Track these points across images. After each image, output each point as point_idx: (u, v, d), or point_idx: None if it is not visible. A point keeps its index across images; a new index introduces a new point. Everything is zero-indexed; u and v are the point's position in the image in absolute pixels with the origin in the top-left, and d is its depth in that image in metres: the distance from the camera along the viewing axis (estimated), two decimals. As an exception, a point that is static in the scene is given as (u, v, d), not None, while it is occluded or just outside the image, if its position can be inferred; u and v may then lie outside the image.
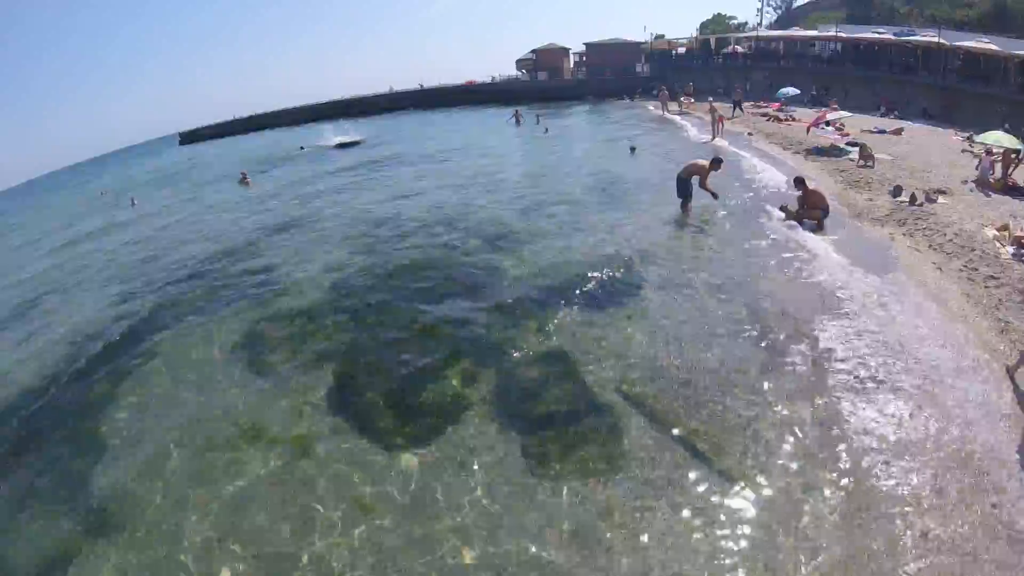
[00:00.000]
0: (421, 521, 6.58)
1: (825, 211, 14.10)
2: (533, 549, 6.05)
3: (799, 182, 14.68)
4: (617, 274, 12.48)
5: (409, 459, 7.61)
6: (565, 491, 6.74)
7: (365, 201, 23.65)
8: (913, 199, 14.69)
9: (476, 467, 7.30)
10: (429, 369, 9.65)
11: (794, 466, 6.60)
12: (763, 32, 62.19)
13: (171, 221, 27.44)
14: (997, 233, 12.30)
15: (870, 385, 7.82)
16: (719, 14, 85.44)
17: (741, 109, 35.44)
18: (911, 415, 7.16)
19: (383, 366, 10.01)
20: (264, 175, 37.47)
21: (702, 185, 15.86)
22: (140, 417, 9.60)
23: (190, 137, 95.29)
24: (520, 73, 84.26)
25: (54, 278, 20.58)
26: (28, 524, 7.88)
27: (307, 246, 17.92)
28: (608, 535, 6.05)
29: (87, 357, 12.25)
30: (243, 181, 34.68)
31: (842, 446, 6.78)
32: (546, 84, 74.62)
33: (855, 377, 8.03)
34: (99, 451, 8.94)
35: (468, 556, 6.07)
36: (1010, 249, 11.62)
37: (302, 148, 49.08)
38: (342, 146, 47.21)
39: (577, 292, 11.77)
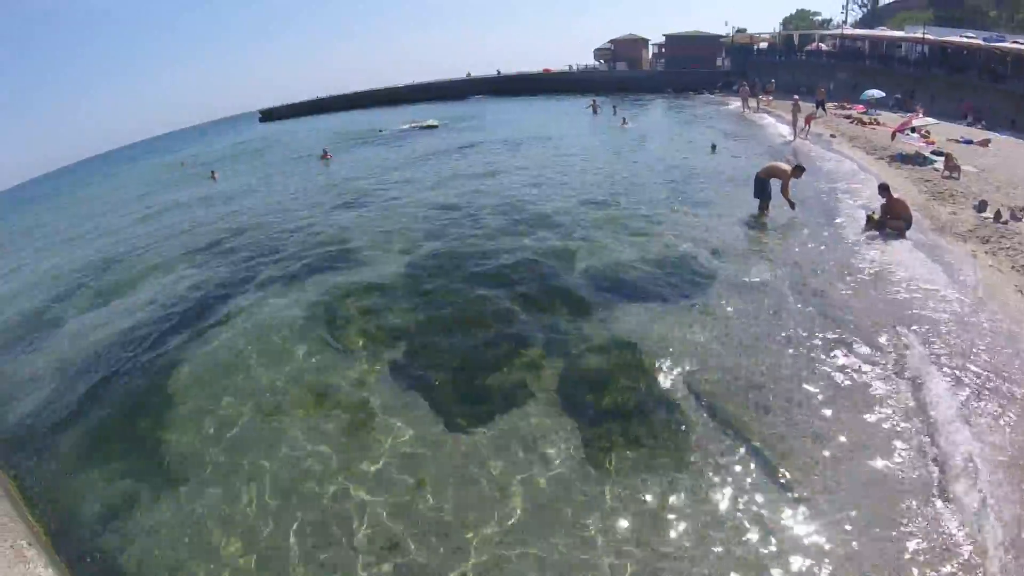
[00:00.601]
0: (473, 500, 6.76)
1: (908, 221, 13.78)
2: (581, 540, 6.11)
3: (884, 189, 14.33)
4: (690, 271, 12.50)
5: (469, 438, 7.81)
6: (623, 485, 6.76)
7: (439, 185, 24.35)
8: (998, 216, 14.25)
9: (535, 452, 7.42)
10: (495, 353, 9.86)
11: (860, 488, 6.31)
12: (848, 30, 60.52)
13: (252, 194, 28.88)
14: None
15: (946, 410, 7.34)
16: (802, 10, 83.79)
17: (824, 109, 34.82)
18: (992, 442, 6.75)
19: (450, 346, 10.27)
20: (343, 154, 38.65)
21: (783, 191, 15.75)
22: (212, 377, 10.18)
23: (270, 115, 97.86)
24: (598, 63, 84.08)
25: (141, 244, 21.78)
26: (98, 468, 8.47)
27: (382, 224, 18.62)
28: (660, 535, 6.02)
29: (170, 319, 13.11)
30: (324, 157, 35.97)
31: (914, 473, 6.44)
32: (624, 75, 74.45)
33: (930, 400, 7.60)
34: (169, 407, 9.54)
35: (519, 541, 6.15)
36: None
37: (380, 131, 50.07)
38: (419, 129, 48.01)
39: (648, 286, 11.88)
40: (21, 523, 7.20)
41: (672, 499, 6.46)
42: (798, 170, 15.89)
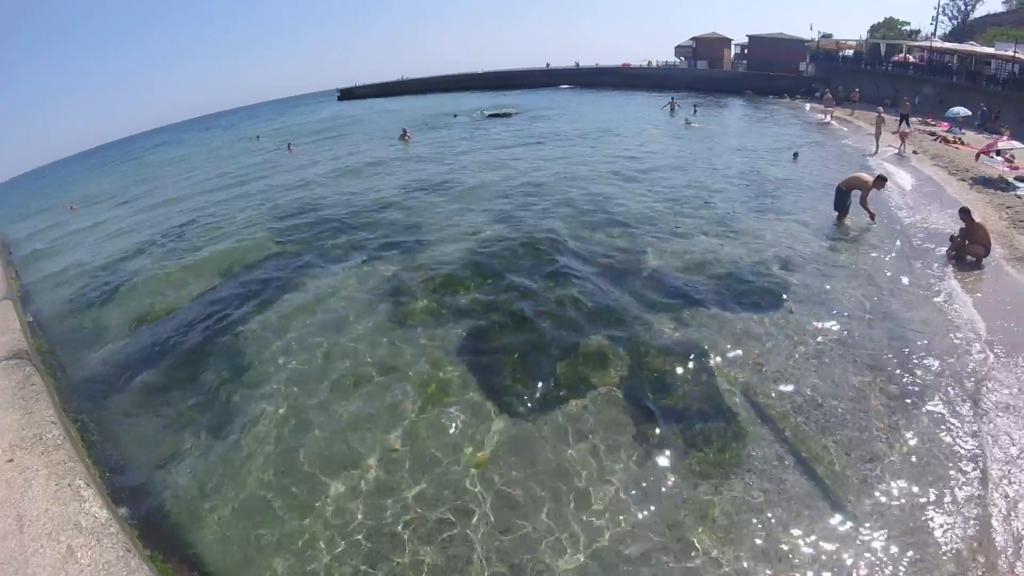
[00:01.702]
0: (521, 482, 7.13)
1: (987, 248, 13.49)
2: (621, 532, 6.40)
3: (965, 213, 13.95)
4: (762, 279, 12.46)
5: (527, 424, 8.14)
6: (671, 484, 7.05)
7: (511, 173, 24.81)
8: None
9: (590, 443, 7.73)
10: (560, 342, 10.08)
11: (912, 517, 6.37)
12: (937, 43, 59.09)
13: (329, 169, 30.07)
14: None
15: (1012, 451, 7.27)
16: (891, 18, 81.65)
17: (907, 124, 34.40)
18: None
19: (515, 332, 10.52)
20: (420, 135, 39.62)
21: (862, 201, 15.90)
22: (275, 340, 10.82)
23: (348, 94, 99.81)
24: (678, 60, 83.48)
25: (223, 213, 23.30)
26: (155, 417, 9.28)
27: (454, 207, 19.30)
28: (702, 538, 6.22)
29: (244, 285, 13.97)
30: (403, 138, 36.99)
31: (972, 510, 6.42)
32: (704, 74, 73.97)
33: (993, 434, 7.58)
34: (230, 367, 10.23)
35: (562, 530, 6.48)
36: None
37: (455, 116, 50.92)
38: (494, 116, 48.54)
39: (719, 292, 11.90)
40: (80, 464, 7.67)
41: (717, 503, 6.69)
42: (880, 180, 15.93)
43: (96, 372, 11.27)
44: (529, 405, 8.59)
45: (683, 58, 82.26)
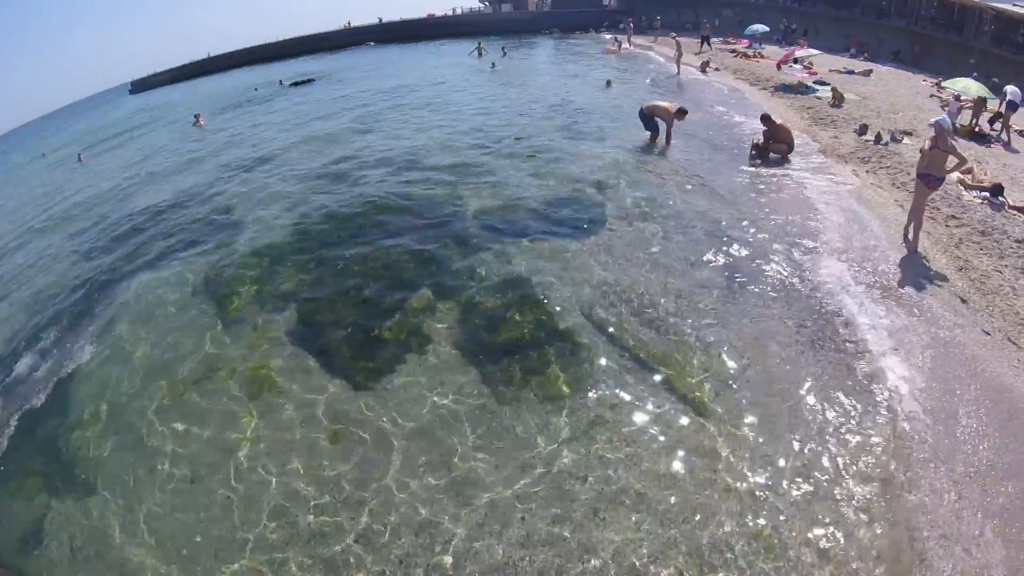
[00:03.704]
0: (379, 450, 6.73)
1: (790, 146, 14.33)
2: (492, 476, 6.21)
3: (766, 118, 14.75)
4: (582, 204, 12.54)
5: (370, 394, 7.67)
6: (526, 416, 6.91)
7: (321, 140, 22.94)
8: (879, 138, 14.79)
9: (437, 398, 7.40)
10: (390, 304, 9.65)
11: (748, 392, 6.89)
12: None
13: (128, 172, 26.18)
14: (961, 176, 12.35)
15: (829, 306, 8.31)
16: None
17: (709, 44, 35.03)
18: (869, 340, 7.59)
19: (345, 302, 9.98)
20: (218, 117, 36.16)
21: (667, 132, 16.01)
22: (106, 363, 9.45)
23: (141, 85, 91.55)
24: (483, 5, 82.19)
25: (18, 241, 19.75)
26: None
27: (265, 186, 17.42)
28: (568, 459, 6.26)
29: (53, 310, 12.06)
30: (196, 123, 33.50)
31: (795, 369, 7.17)
32: (510, 16, 73.03)
33: (815, 305, 8.39)
34: (64, 399, 8.87)
35: (423, 485, 6.22)
36: (974, 192, 11.78)
37: (256, 89, 47.55)
38: (296, 84, 45.67)
39: (541, 222, 11.82)
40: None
41: (573, 422, 6.72)
42: (681, 113, 15.99)
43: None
44: (366, 374, 8.11)
45: (487, 3, 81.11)
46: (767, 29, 36.11)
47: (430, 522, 5.77)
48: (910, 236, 9.79)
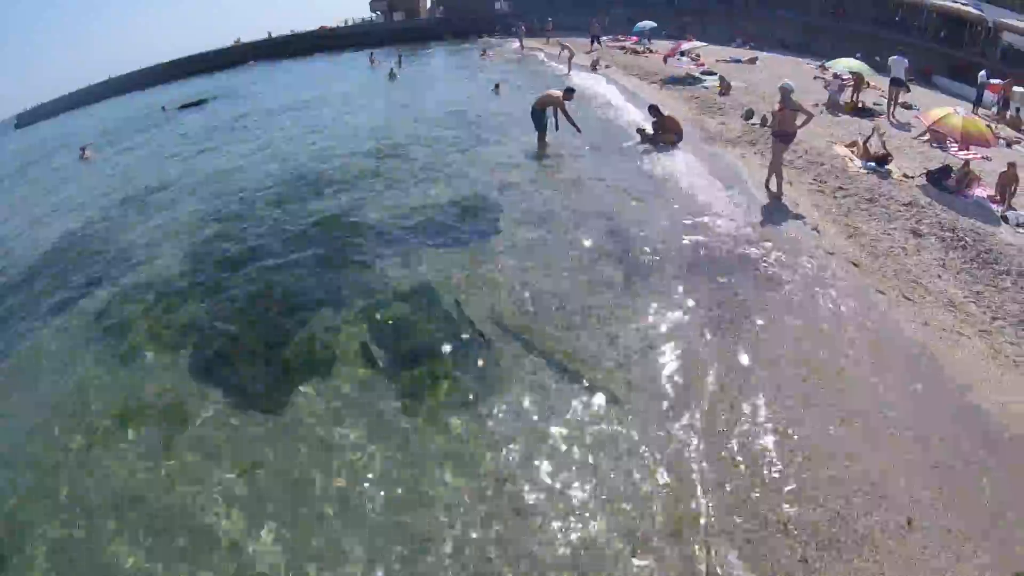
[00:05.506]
0: (299, 471, 6.56)
1: (679, 135, 14.62)
2: (410, 489, 6.13)
3: (654, 109, 15.14)
4: (480, 209, 12.54)
5: (281, 417, 7.46)
6: (441, 424, 6.88)
7: (213, 162, 21.95)
8: (764, 121, 15.06)
9: (348, 416, 7.25)
10: (293, 324, 9.42)
11: (664, 374, 7.13)
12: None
13: (12, 213, 24.74)
14: (846, 149, 13.01)
15: (726, 280, 8.82)
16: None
17: (599, 43, 35.44)
18: (764, 305, 8.12)
19: (246, 329, 9.68)
20: (105, 147, 34.38)
21: (563, 116, 15.82)
22: None
23: (29, 118, 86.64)
24: (375, 15, 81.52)
25: None
26: None
27: (158, 216, 16.46)
28: (486, 462, 6.26)
29: None
30: (83, 157, 31.49)
31: (705, 348, 7.52)
32: (402, 24, 72.57)
33: (716, 283, 8.79)
34: None
35: (344, 504, 6.09)
36: (859, 163, 12.30)
37: (148, 113, 45.66)
38: (185, 107, 43.98)
39: (440, 229, 11.78)
40: None
41: (489, 425, 6.75)
42: (568, 92, 15.92)
43: None
44: (275, 397, 7.86)
45: (379, 12, 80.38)
46: (655, 25, 36.84)
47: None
48: (772, 187, 11.26)
